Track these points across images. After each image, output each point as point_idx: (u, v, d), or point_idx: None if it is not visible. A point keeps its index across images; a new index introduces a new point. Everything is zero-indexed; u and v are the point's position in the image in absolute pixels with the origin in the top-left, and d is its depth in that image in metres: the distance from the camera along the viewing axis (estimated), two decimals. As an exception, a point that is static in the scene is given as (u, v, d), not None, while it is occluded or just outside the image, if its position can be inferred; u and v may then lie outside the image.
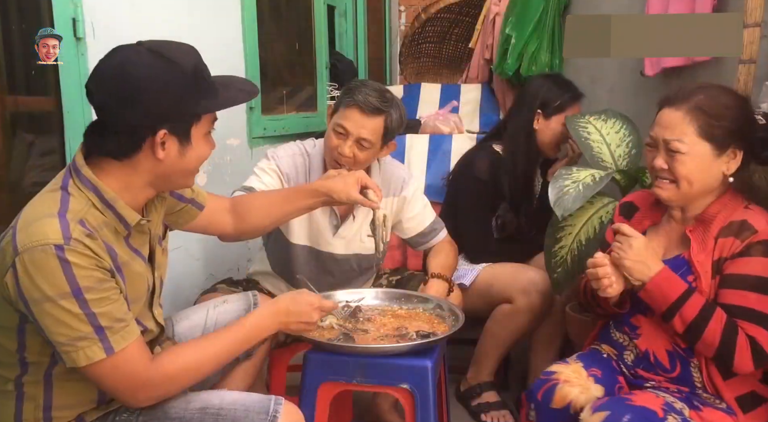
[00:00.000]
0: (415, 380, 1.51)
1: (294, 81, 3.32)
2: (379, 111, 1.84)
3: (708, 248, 1.45)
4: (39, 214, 1.16)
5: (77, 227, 1.15)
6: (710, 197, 1.48)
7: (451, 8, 4.03)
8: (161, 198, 1.40)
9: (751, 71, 1.61)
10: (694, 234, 1.48)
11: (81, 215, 1.17)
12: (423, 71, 4.38)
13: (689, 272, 1.45)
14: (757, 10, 1.58)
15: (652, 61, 2.06)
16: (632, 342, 1.56)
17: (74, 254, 1.12)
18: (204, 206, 1.57)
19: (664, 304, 1.41)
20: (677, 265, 1.47)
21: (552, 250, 1.99)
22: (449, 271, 2.04)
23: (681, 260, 1.48)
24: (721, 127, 1.41)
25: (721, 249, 1.43)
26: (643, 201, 1.65)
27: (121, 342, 1.17)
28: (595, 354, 1.63)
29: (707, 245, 1.45)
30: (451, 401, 2.21)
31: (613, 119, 2.06)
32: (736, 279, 1.40)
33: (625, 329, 1.58)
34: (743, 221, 1.42)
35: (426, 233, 2.09)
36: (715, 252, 1.44)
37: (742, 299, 1.38)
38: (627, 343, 1.57)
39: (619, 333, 1.60)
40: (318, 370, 1.55)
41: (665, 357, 1.49)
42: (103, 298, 1.15)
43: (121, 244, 1.26)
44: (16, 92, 1.83)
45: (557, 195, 1.88)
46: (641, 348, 1.53)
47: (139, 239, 1.31)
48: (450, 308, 1.72)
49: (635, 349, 1.55)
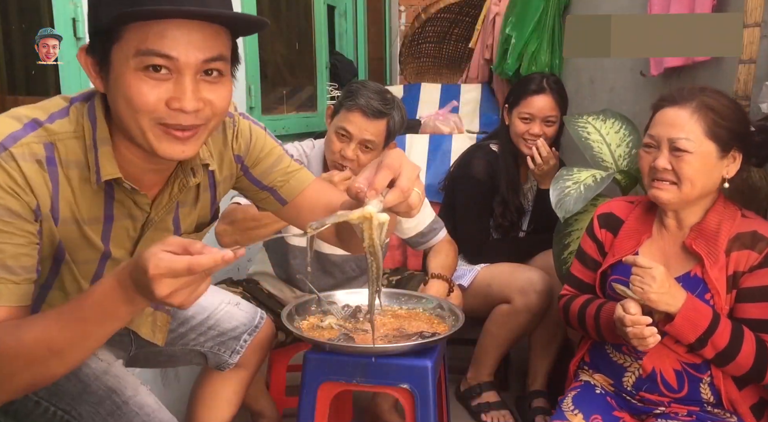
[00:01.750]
0: (415, 380, 1.51)
1: (294, 81, 3.33)
2: (382, 114, 1.84)
3: (720, 262, 1.40)
4: (17, 111, 1.02)
5: (34, 145, 0.98)
6: (705, 202, 1.45)
7: (451, 8, 4.04)
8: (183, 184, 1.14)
9: (751, 71, 1.60)
10: (701, 248, 1.43)
11: (55, 138, 1.01)
12: (423, 71, 4.38)
13: (706, 291, 1.41)
14: (757, 10, 1.58)
15: (657, 61, 2.06)
16: (636, 363, 1.49)
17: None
18: (287, 202, 1.30)
19: (693, 335, 1.36)
20: (692, 284, 1.42)
21: (562, 257, 1.96)
22: (449, 271, 2.04)
23: (695, 279, 1.42)
24: (726, 127, 1.39)
25: (736, 263, 1.39)
26: (624, 212, 1.59)
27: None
28: (588, 393, 1.55)
29: (719, 260, 1.40)
30: (451, 401, 2.21)
31: (612, 118, 2.06)
32: (758, 292, 1.37)
33: (626, 349, 1.51)
34: (754, 232, 1.39)
35: (425, 232, 2.09)
36: (729, 267, 1.40)
37: (766, 312, 1.36)
38: (629, 364, 1.51)
39: (618, 353, 1.53)
40: (318, 370, 1.55)
41: (673, 376, 1.45)
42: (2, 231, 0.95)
43: (94, 200, 1.07)
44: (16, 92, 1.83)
45: (558, 197, 1.87)
46: (647, 367, 1.47)
47: (126, 209, 1.11)
48: (450, 309, 1.72)
49: (639, 370, 1.49)
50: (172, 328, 1.49)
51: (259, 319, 1.62)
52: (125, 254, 1.16)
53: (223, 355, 1.55)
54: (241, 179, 1.30)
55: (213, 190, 1.26)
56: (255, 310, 1.64)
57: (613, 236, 1.58)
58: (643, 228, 1.54)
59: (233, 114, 1.24)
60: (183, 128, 0.99)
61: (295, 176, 1.30)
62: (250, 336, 1.58)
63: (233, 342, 1.56)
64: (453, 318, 1.66)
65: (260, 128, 1.29)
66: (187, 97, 0.97)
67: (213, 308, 1.55)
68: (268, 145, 1.28)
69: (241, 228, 1.76)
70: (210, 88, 1.00)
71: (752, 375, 1.37)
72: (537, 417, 2.18)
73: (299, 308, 1.69)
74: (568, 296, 1.66)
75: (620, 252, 1.54)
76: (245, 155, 1.26)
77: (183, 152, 1.01)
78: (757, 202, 1.55)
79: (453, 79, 4.33)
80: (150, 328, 1.40)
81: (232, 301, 1.60)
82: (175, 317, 1.50)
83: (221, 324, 1.54)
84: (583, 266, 1.64)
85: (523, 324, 2.18)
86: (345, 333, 1.58)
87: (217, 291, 1.63)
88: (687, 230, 1.48)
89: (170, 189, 1.15)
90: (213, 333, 1.54)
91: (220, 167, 1.23)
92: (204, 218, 1.29)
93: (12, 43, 1.79)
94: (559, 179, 1.90)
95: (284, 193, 1.30)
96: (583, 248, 1.64)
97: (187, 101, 0.97)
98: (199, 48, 0.96)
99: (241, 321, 1.58)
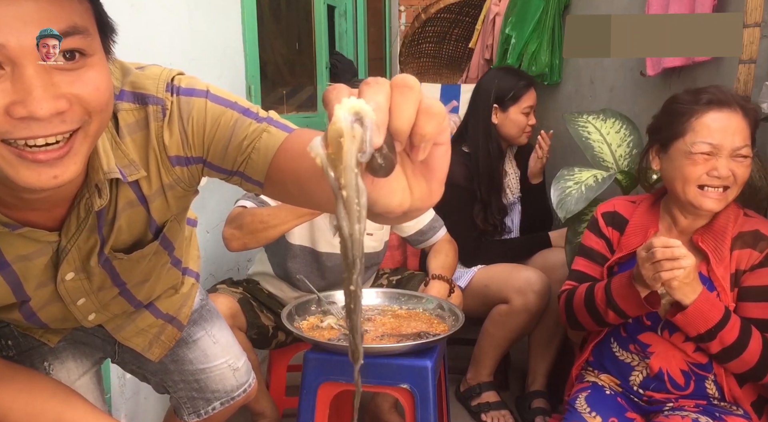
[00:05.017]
0: (415, 380, 1.51)
1: (294, 81, 3.33)
2: None
3: (725, 260, 1.40)
4: None
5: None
6: None
7: (451, 8, 4.04)
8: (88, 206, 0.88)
9: (751, 71, 1.60)
10: (708, 245, 1.43)
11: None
12: (423, 71, 4.38)
13: (712, 289, 1.40)
14: (757, 10, 1.58)
15: (654, 61, 2.06)
16: (643, 362, 1.50)
17: None
18: (262, 183, 0.89)
19: (703, 327, 1.34)
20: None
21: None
22: (449, 272, 2.04)
23: (700, 277, 1.40)
24: (755, 130, 1.41)
25: (738, 262, 1.39)
26: (627, 210, 1.59)
27: None
28: (599, 394, 1.53)
29: (723, 258, 1.41)
30: (451, 401, 2.21)
31: (612, 118, 2.06)
32: (758, 291, 1.37)
33: (633, 347, 1.51)
34: (756, 232, 1.40)
35: (425, 231, 2.09)
36: (732, 265, 1.40)
37: (767, 311, 1.36)
38: (636, 363, 1.51)
39: (626, 352, 1.53)
40: (318, 370, 1.55)
41: (680, 375, 1.45)
42: None
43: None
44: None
45: (559, 196, 1.87)
46: (654, 367, 1.47)
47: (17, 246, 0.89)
48: (450, 309, 1.72)
49: (646, 369, 1.49)
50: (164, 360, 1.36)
51: (242, 391, 1.48)
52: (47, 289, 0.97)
53: (184, 408, 1.43)
54: (208, 172, 0.95)
55: (144, 204, 0.95)
56: (248, 376, 1.49)
57: (620, 234, 1.58)
58: (649, 223, 1.55)
59: (161, 98, 0.88)
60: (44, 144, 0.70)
61: (257, 146, 0.87)
62: (222, 406, 1.45)
63: (203, 403, 1.43)
64: (453, 318, 1.66)
65: (199, 99, 0.89)
66: (35, 97, 0.67)
67: (214, 364, 1.42)
68: (211, 118, 0.89)
69: (249, 231, 1.76)
70: (71, 78, 0.70)
71: (754, 372, 1.37)
72: (537, 417, 2.18)
73: (299, 308, 1.69)
74: (570, 288, 1.65)
75: (627, 248, 1.55)
76: (187, 149, 0.90)
77: (55, 177, 0.72)
78: (756, 202, 1.55)
79: (453, 79, 4.33)
80: (147, 340, 1.28)
81: (235, 363, 1.46)
82: (177, 344, 1.35)
83: (207, 384, 1.42)
84: (590, 261, 1.64)
85: (521, 324, 2.18)
86: (345, 333, 1.58)
87: (231, 344, 1.47)
88: (695, 228, 1.48)
89: (76, 213, 0.88)
90: (193, 386, 1.42)
91: (150, 174, 0.91)
92: (138, 237, 1.00)
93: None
94: (560, 179, 1.90)
95: (251, 172, 0.88)
96: (588, 244, 1.64)
97: (37, 102, 0.67)
98: (36, 22, 0.66)
99: (225, 389, 1.44)
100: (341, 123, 0.45)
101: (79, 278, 0.99)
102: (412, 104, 0.47)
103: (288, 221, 1.76)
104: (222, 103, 0.90)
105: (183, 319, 1.33)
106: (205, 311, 1.43)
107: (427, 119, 0.47)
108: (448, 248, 2.10)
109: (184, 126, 0.89)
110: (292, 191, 0.85)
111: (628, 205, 1.61)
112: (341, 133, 0.45)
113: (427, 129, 0.48)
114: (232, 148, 0.88)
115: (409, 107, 0.47)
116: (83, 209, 0.89)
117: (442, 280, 1.97)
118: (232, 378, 1.45)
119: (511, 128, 2.35)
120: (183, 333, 1.35)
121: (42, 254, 0.91)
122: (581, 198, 1.83)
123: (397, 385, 1.52)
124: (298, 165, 0.82)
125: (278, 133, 0.88)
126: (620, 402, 1.52)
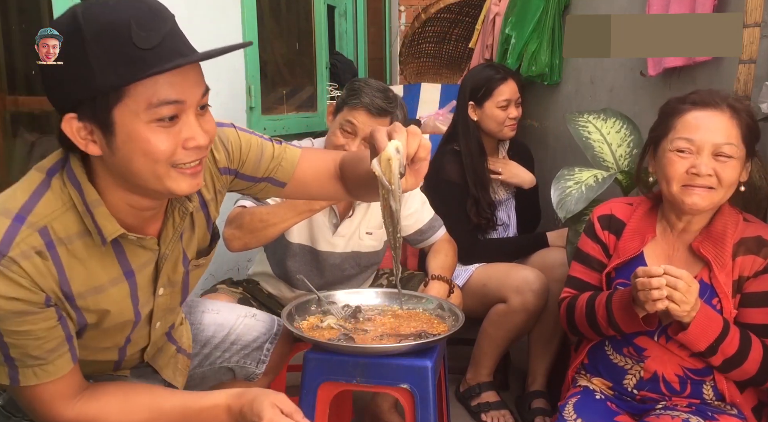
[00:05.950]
0: (415, 380, 1.51)
1: (294, 81, 3.33)
2: (386, 112, 1.85)
3: (727, 267, 1.39)
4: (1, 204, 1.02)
5: (29, 238, 0.99)
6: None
7: (451, 8, 4.04)
8: (183, 211, 1.18)
9: (751, 71, 1.60)
10: (708, 252, 1.42)
11: (47, 220, 1.02)
12: (423, 71, 4.39)
13: (713, 296, 1.40)
14: (757, 10, 1.58)
15: (655, 61, 2.05)
16: (638, 365, 1.49)
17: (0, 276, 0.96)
18: (285, 184, 1.34)
19: (705, 343, 1.34)
20: (700, 289, 1.38)
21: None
22: (449, 272, 2.04)
23: (702, 284, 1.39)
24: (754, 132, 1.40)
25: (741, 268, 1.39)
26: (625, 213, 1.58)
27: (32, 378, 1.05)
28: (588, 399, 1.53)
29: (725, 265, 1.39)
30: (451, 401, 2.21)
31: (612, 118, 2.06)
32: (762, 297, 1.37)
33: (627, 351, 1.51)
34: (759, 238, 1.39)
35: (424, 230, 2.09)
36: (735, 271, 1.39)
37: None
38: (630, 366, 1.51)
39: (620, 355, 1.52)
40: (318, 370, 1.55)
41: (675, 380, 1.45)
42: (18, 331, 1.00)
43: (106, 260, 1.10)
44: (16, 92, 1.83)
45: (560, 197, 1.87)
46: (649, 370, 1.47)
47: (139, 257, 1.15)
48: (450, 309, 1.71)
49: (641, 372, 1.48)
50: (196, 352, 1.52)
51: (277, 327, 1.62)
52: (146, 308, 1.21)
53: (249, 367, 1.58)
54: (234, 183, 1.32)
55: (205, 209, 1.27)
56: (272, 319, 1.64)
57: (617, 238, 1.57)
58: (647, 228, 1.53)
59: None
60: (195, 163, 1.04)
61: (284, 157, 1.33)
62: (272, 345, 1.60)
63: (257, 353, 1.58)
64: (453, 318, 1.66)
65: (230, 128, 1.28)
66: (200, 134, 1.03)
67: (231, 323, 1.56)
68: (244, 141, 1.29)
69: (249, 230, 1.76)
70: (205, 120, 1.06)
71: (756, 379, 1.37)
72: (536, 417, 2.18)
73: (299, 308, 1.69)
74: (570, 296, 1.64)
75: (625, 253, 1.53)
76: (229, 162, 1.27)
77: (198, 184, 1.07)
78: (756, 202, 1.55)
79: (453, 79, 4.33)
80: (172, 370, 1.42)
81: (249, 314, 1.61)
82: (196, 339, 1.53)
83: (243, 338, 1.56)
84: (587, 267, 1.63)
85: (520, 324, 2.18)
86: (345, 333, 1.58)
87: (232, 307, 1.64)
88: (693, 233, 1.47)
89: (172, 219, 1.18)
90: (236, 348, 1.56)
91: (206, 186, 1.25)
92: (203, 242, 1.31)
93: (12, 43, 1.79)
94: (560, 179, 1.90)
95: (280, 176, 1.33)
96: (585, 249, 1.63)
97: (201, 137, 1.03)
98: (197, 84, 1.03)
99: (261, 331, 1.59)
100: (390, 152, 0.99)
101: (167, 292, 1.24)
102: (417, 141, 1.03)
103: (287, 218, 1.76)
104: (246, 131, 1.31)
105: (188, 348, 1.49)
106: (191, 302, 1.60)
107: (422, 149, 1.04)
108: (448, 248, 2.10)
109: (224, 146, 1.25)
110: (312, 186, 1.36)
111: (626, 208, 1.60)
112: (390, 157, 0.98)
113: (422, 155, 1.04)
114: (265, 160, 1.30)
115: (416, 143, 1.03)
116: (177, 215, 1.17)
117: (442, 280, 1.97)
118: (257, 322, 1.60)
119: (489, 123, 2.38)
120: (188, 323, 1.51)
121: (150, 262, 1.17)
122: (581, 198, 1.83)
123: (397, 385, 1.52)
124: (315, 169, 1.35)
125: (295, 149, 1.35)
126: (610, 407, 1.51)
